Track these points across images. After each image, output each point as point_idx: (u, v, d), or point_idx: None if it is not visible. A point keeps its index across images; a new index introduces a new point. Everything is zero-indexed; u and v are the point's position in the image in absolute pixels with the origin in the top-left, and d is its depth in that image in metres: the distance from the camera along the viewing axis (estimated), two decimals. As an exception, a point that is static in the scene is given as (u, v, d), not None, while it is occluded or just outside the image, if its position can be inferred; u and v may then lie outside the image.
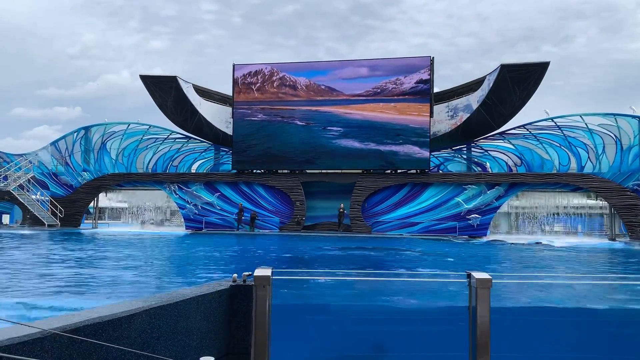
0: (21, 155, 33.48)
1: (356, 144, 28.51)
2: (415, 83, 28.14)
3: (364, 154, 28.44)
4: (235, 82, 30.23)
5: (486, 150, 29.15)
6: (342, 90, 29.01)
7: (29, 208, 30.18)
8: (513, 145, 28.50)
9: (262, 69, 30.17)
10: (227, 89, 31.02)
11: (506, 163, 28.59)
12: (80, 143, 32.84)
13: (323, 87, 29.29)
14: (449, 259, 15.42)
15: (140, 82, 30.30)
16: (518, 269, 13.15)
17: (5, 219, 32.45)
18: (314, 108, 29.32)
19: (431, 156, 28.41)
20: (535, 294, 7.85)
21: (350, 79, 28.99)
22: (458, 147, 29.77)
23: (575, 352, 5.67)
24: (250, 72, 30.17)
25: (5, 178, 31.80)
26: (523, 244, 22.74)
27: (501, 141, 28.83)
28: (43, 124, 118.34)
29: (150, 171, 31.93)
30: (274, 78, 29.95)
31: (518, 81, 26.07)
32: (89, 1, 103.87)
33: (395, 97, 28.30)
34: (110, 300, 7.14)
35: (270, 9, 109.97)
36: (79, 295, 7.82)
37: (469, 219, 27.55)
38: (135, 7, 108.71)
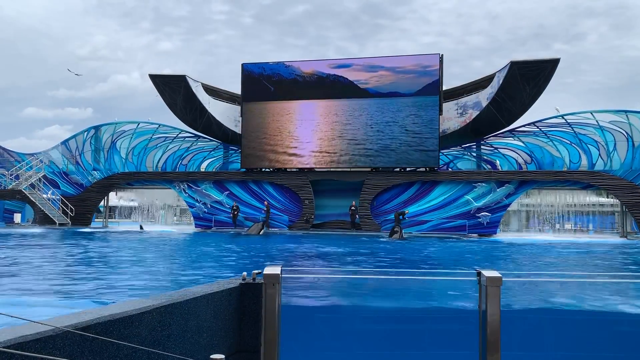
0: (32, 154, 33.78)
1: (365, 141, 28.44)
2: (424, 80, 28.02)
3: (373, 152, 28.36)
4: (245, 79, 30.24)
5: (496, 148, 28.98)
6: (351, 88, 28.95)
7: (40, 207, 30.42)
8: (523, 142, 28.31)
9: (271, 66, 30.17)
10: (237, 89, 31.08)
11: (516, 161, 28.41)
12: (91, 142, 33.06)
13: (331, 84, 29.24)
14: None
15: (150, 82, 30.43)
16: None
17: (17, 217, 32.76)
18: (322, 105, 29.30)
19: (440, 154, 28.29)
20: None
21: (359, 77, 28.91)
22: (467, 144, 29.62)
23: (583, 351, 5.64)
24: (261, 69, 30.18)
25: (17, 177, 32.09)
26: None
27: (511, 139, 28.65)
28: (55, 124, 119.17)
29: (159, 170, 32.07)
30: (283, 75, 29.94)
31: (528, 78, 25.88)
32: (102, 2, 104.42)
33: (405, 95, 28.19)
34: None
35: (281, 9, 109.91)
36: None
37: (479, 217, 27.41)
38: (147, 8, 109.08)
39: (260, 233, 26.45)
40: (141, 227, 26.93)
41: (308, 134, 29.27)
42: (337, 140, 28.84)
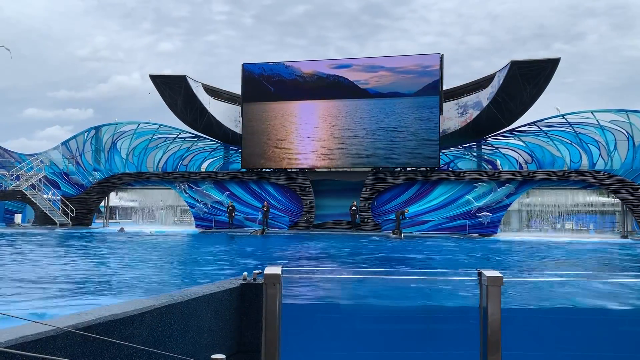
0: (33, 155, 33.78)
1: (366, 142, 28.45)
2: (424, 80, 28.01)
3: (373, 152, 28.37)
4: (245, 79, 30.25)
5: (496, 148, 28.98)
6: (351, 88, 28.95)
7: (41, 207, 30.42)
8: (524, 142, 28.30)
9: (271, 67, 30.17)
10: (238, 89, 31.10)
11: (517, 160, 28.40)
12: (91, 143, 33.07)
13: (331, 84, 29.24)
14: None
15: (150, 83, 30.43)
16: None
17: (18, 218, 32.76)
18: (322, 105, 29.31)
19: (441, 154, 28.28)
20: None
21: (359, 77, 28.90)
22: (468, 144, 29.62)
23: (584, 351, 5.63)
24: (261, 70, 30.19)
25: (18, 178, 32.10)
26: None
27: (511, 138, 28.65)
28: (55, 125, 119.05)
29: (160, 170, 32.08)
30: (283, 75, 29.94)
31: (528, 78, 25.87)
32: (103, 3, 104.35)
33: (405, 95, 28.19)
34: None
35: (281, 9, 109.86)
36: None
37: (479, 217, 27.40)
38: (148, 8, 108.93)
39: (263, 234, 26.56)
40: (151, 232, 26.86)
41: (308, 134, 29.26)
42: (337, 140, 28.84)
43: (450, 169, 29.31)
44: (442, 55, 28.16)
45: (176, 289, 4.61)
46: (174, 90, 30.15)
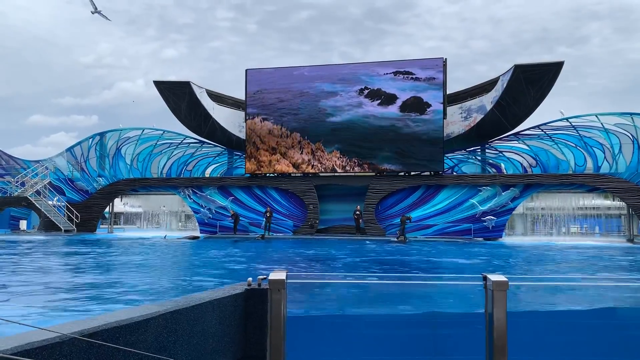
0: (38, 161, 33.91)
1: (369, 146, 28.45)
2: (427, 84, 28.02)
3: (377, 156, 28.36)
4: (249, 84, 30.30)
5: (501, 152, 28.92)
6: (354, 92, 28.95)
7: (46, 213, 30.51)
8: (528, 146, 28.24)
9: (275, 72, 30.24)
10: (241, 94, 31.12)
11: (521, 164, 28.34)
12: (96, 149, 33.17)
13: (335, 88, 29.25)
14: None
15: (155, 90, 30.54)
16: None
17: (23, 224, 32.86)
18: (325, 109, 29.32)
19: (445, 158, 28.24)
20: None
21: (363, 82, 28.91)
22: (472, 148, 29.57)
23: (591, 355, 5.60)
24: (265, 75, 30.26)
25: (23, 184, 32.22)
26: None
27: (516, 142, 28.58)
28: (60, 131, 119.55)
29: (164, 176, 32.15)
30: (287, 80, 29.99)
31: (532, 81, 25.84)
32: (107, 10, 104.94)
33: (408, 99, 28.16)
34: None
35: (284, 15, 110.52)
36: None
37: (484, 221, 27.32)
38: (152, 15, 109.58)
39: (263, 238, 26.56)
40: (194, 237, 26.97)
41: (312, 139, 29.28)
42: (340, 144, 28.86)
43: (455, 173, 29.26)
44: (446, 59, 28.17)
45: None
46: (178, 96, 30.24)
